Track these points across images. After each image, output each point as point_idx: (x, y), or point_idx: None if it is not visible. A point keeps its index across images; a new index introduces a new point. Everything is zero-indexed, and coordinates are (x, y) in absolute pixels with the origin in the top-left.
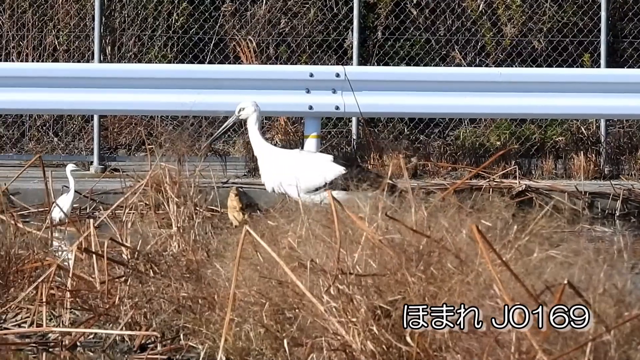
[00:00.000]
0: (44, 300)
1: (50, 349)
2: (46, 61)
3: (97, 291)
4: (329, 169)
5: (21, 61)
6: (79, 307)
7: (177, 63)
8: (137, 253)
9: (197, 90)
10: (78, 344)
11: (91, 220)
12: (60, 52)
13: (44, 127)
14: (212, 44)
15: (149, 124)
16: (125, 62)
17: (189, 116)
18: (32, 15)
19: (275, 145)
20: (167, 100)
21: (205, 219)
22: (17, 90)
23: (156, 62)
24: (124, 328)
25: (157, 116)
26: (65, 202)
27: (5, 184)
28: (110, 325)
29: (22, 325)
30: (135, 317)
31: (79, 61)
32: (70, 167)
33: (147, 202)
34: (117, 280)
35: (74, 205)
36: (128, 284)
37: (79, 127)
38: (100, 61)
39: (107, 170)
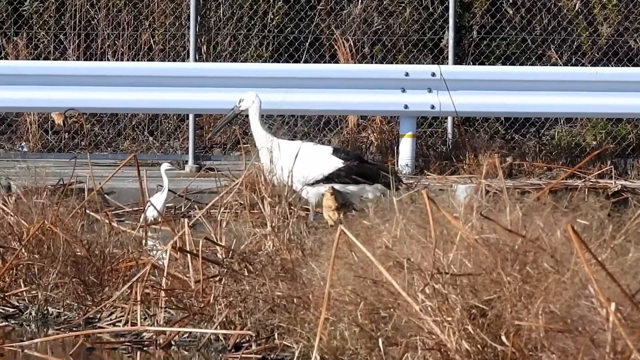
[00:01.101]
0: (139, 299)
1: (145, 348)
2: (141, 60)
3: (191, 290)
4: (327, 161)
5: (116, 60)
6: (173, 306)
7: (272, 62)
8: (231, 252)
9: (292, 89)
10: (172, 342)
11: (186, 220)
12: (156, 51)
13: (139, 126)
14: (307, 43)
15: (244, 122)
16: (220, 62)
17: (284, 115)
18: (128, 14)
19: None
20: (263, 99)
21: (299, 218)
22: (113, 90)
23: (251, 62)
24: (218, 327)
25: None
26: (158, 201)
27: (100, 183)
28: (205, 324)
29: (117, 324)
30: (230, 316)
31: (174, 60)
32: (164, 166)
33: (242, 202)
34: (211, 279)
35: (168, 205)
36: (223, 283)
37: (174, 126)
38: (195, 60)
39: (202, 169)
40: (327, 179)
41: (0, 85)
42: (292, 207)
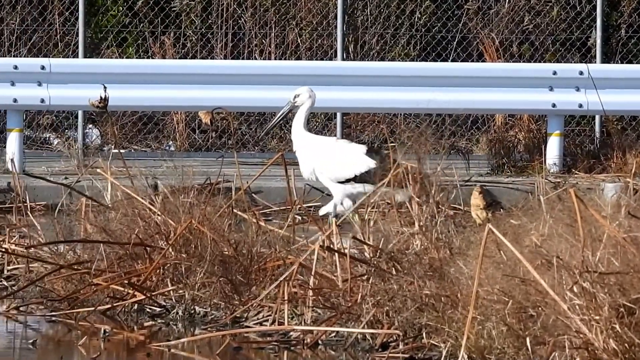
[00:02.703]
0: (286, 298)
1: (292, 348)
2: (288, 59)
3: (339, 289)
4: (360, 161)
5: (264, 59)
6: (320, 306)
7: (419, 61)
8: (379, 251)
9: (439, 88)
10: (320, 342)
11: (334, 219)
12: (303, 50)
13: (286, 125)
14: (455, 42)
15: (391, 121)
16: (367, 60)
17: (432, 114)
18: (275, 13)
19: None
20: (410, 98)
21: (447, 217)
22: (260, 88)
23: (399, 60)
24: (365, 326)
25: (400, 114)
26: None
27: (247, 182)
28: (352, 323)
29: (264, 323)
30: (377, 316)
31: (321, 59)
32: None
33: (389, 201)
34: (359, 278)
35: (316, 204)
36: (370, 282)
37: (322, 125)
38: (343, 59)
39: None
40: (359, 179)
41: (147, 84)
42: (440, 206)
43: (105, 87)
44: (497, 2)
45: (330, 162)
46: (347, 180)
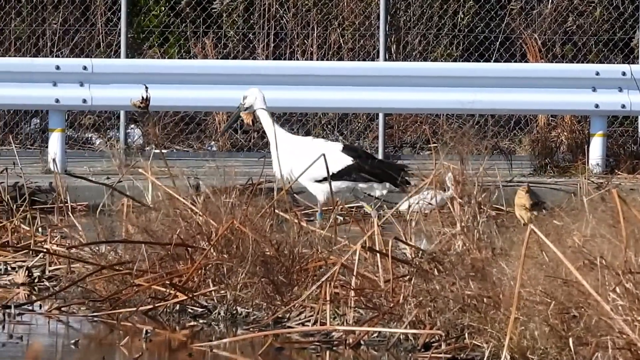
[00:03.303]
0: (328, 298)
1: (334, 348)
2: (331, 59)
3: (381, 290)
4: (336, 159)
5: (305, 59)
6: (362, 306)
7: (462, 61)
8: (421, 252)
9: (482, 88)
10: (362, 342)
11: (375, 219)
12: (345, 50)
13: (328, 126)
14: (497, 43)
15: (434, 122)
16: (410, 61)
17: (474, 114)
18: (317, 13)
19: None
20: (453, 99)
21: (490, 217)
22: (302, 89)
23: (441, 61)
24: (408, 327)
25: (443, 114)
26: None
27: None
28: (394, 323)
29: (306, 323)
30: (419, 316)
31: (364, 59)
32: (449, 175)
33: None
34: (401, 279)
35: (357, 205)
36: (412, 282)
37: (364, 126)
38: (385, 59)
39: None
40: (336, 176)
41: (189, 84)
42: (482, 207)
43: (146, 88)
44: (540, 2)
45: (308, 161)
46: (325, 179)
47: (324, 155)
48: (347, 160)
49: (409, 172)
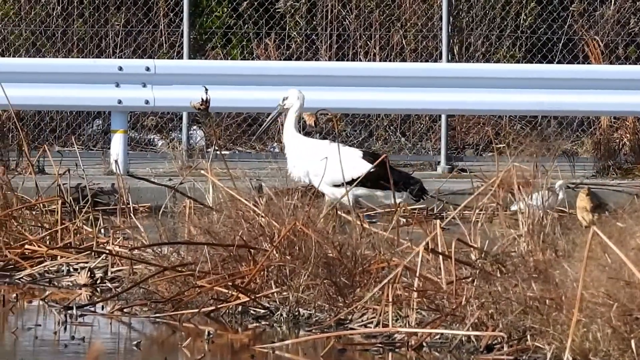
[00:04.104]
0: (390, 300)
1: (396, 350)
2: (393, 61)
3: (443, 291)
4: (357, 165)
5: (368, 61)
6: (425, 308)
7: (525, 63)
8: (484, 253)
9: (544, 90)
10: (424, 344)
11: (438, 221)
12: (408, 51)
13: (391, 127)
14: (560, 44)
15: (497, 123)
16: (473, 62)
17: (537, 116)
18: (379, 15)
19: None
20: (515, 100)
21: (553, 219)
22: (365, 90)
23: (504, 62)
24: (470, 328)
25: (505, 116)
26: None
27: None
28: (457, 325)
29: (368, 325)
30: (482, 318)
31: (426, 61)
32: (559, 183)
33: (495, 203)
34: (463, 280)
35: (420, 206)
36: (475, 284)
37: (427, 127)
38: (448, 61)
39: (454, 170)
40: (353, 182)
41: (251, 85)
42: (547, 209)
43: (206, 89)
44: (603, 4)
45: (326, 166)
46: (342, 184)
47: (344, 160)
48: (367, 167)
49: (423, 186)
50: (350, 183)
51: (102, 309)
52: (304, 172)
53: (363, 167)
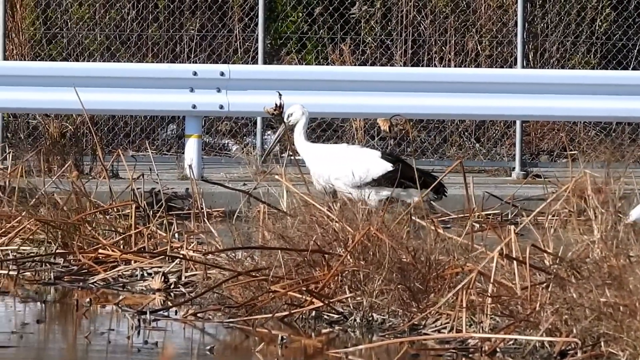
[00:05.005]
0: (464, 306)
1: (470, 355)
2: (468, 67)
3: (517, 297)
4: (377, 165)
5: (443, 66)
6: (499, 313)
7: (600, 69)
8: (558, 259)
9: (619, 96)
10: (497, 350)
11: (512, 227)
12: (483, 57)
13: (465, 133)
14: (635, 50)
15: (571, 129)
16: (547, 68)
17: (611, 122)
18: (454, 20)
19: None
20: (590, 107)
21: (627, 225)
22: (439, 96)
23: (579, 68)
24: (544, 334)
25: (580, 122)
26: None
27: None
28: (530, 331)
29: (442, 330)
30: (556, 323)
31: (501, 67)
32: None
33: (569, 209)
34: (538, 286)
35: (494, 212)
36: (549, 290)
37: (501, 133)
38: (522, 67)
39: (528, 176)
40: (376, 182)
41: (325, 91)
42: (620, 215)
43: (280, 95)
44: None
45: (346, 168)
46: (365, 184)
47: (363, 160)
48: (387, 166)
49: (442, 183)
50: (371, 183)
51: (176, 314)
52: (325, 178)
53: (383, 167)
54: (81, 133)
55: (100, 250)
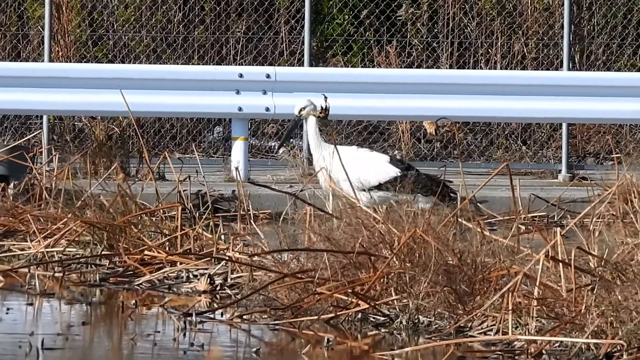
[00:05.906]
0: (510, 308)
1: (516, 357)
2: (514, 69)
3: (563, 299)
4: (384, 169)
5: (489, 69)
6: (544, 315)
7: None
8: (604, 261)
9: None
10: (543, 352)
11: (558, 229)
12: (529, 59)
13: (512, 135)
14: None
15: (617, 132)
16: (593, 71)
17: None
18: (501, 22)
19: None
20: (636, 109)
21: None
22: (485, 98)
23: (625, 71)
24: (589, 336)
25: (626, 124)
26: None
27: (472, 192)
28: (576, 333)
29: (488, 333)
30: (601, 326)
31: (547, 69)
32: None
33: (614, 212)
34: (583, 288)
35: (540, 213)
36: (595, 292)
37: (547, 135)
38: (569, 69)
39: (574, 178)
40: (383, 186)
41: (372, 93)
42: None
43: (325, 98)
44: None
45: (355, 170)
46: (371, 189)
47: (371, 164)
48: (395, 171)
49: (451, 187)
50: (378, 187)
51: (222, 316)
52: (334, 180)
53: (391, 172)
54: (127, 135)
55: (146, 252)
